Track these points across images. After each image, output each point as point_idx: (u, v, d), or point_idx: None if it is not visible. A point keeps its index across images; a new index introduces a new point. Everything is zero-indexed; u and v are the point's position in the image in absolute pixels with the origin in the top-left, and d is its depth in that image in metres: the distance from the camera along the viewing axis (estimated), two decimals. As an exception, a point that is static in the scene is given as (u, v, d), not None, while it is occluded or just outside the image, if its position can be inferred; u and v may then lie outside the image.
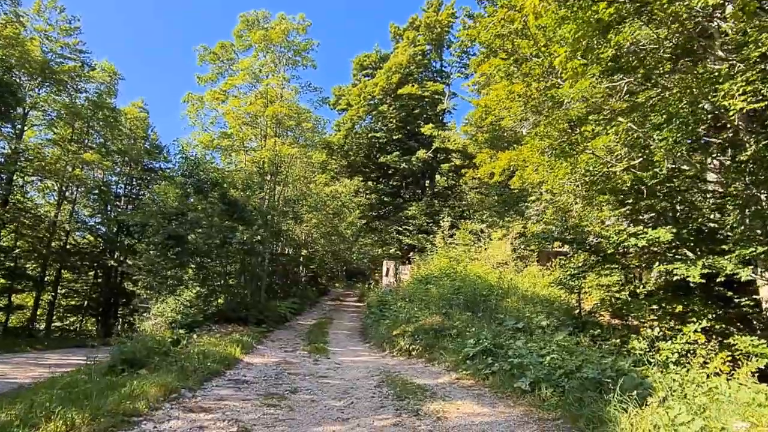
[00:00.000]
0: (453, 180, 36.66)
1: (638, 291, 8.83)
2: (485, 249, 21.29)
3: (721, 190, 8.70)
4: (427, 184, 37.54)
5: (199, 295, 20.07)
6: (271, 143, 21.82)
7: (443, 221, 24.63)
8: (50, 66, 26.97)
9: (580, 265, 11.62)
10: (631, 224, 8.60)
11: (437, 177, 37.44)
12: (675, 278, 10.69)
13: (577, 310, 11.72)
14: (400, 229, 33.11)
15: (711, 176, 8.33)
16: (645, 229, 8.03)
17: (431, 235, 28.58)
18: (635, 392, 5.57)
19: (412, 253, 28.86)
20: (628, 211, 8.81)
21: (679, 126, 7.35)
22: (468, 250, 21.28)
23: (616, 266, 10.90)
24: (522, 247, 17.79)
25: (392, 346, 12.09)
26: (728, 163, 9.22)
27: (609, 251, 9.39)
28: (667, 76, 7.03)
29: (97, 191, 35.53)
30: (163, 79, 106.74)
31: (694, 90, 7.07)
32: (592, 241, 9.24)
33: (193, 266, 18.77)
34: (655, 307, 8.37)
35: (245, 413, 6.22)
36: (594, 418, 5.68)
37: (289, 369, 9.67)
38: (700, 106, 7.25)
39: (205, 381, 7.90)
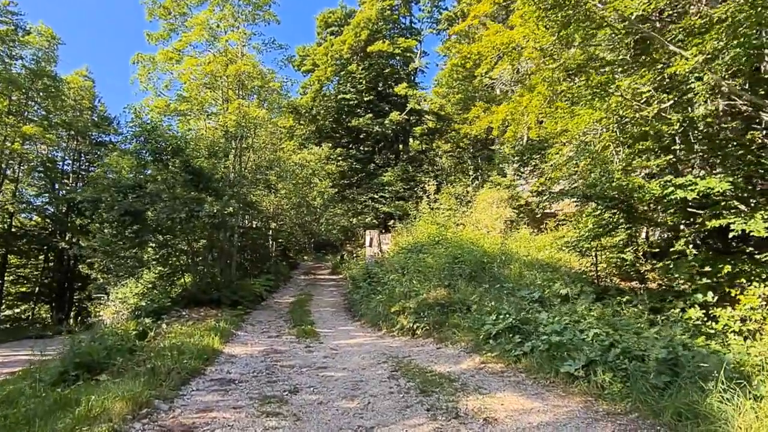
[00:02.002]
0: (427, 144, 35.23)
1: (683, 251, 7.73)
2: (470, 213, 20.16)
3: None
4: (401, 149, 35.90)
5: (161, 275, 18.29)
6: (235, 105, 19.79)
7: (428, 185, 23.28)
8: (-23, 30, 23.84)
9: (590, 226, 10.52)
10: (675, 174, 7.50)
11: (410, 141, 35.86)
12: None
13: (593, 275, 10.69)
14: (375, 197, 31.54)
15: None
16: (694, 179, 6.89)
17: (410, 201, 27.26)
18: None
19: (392, 221, 27.47)
20: (673, 159, 7.69)
21: (738, 54, 6.15)
22: (453, 215, 20.10)
23: (623, 224, 9.89)
24: (538, 207, 16.64)
25: (391, 325, 10.83)
26: None
27: (643, 207, 8.29)
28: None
29: (41, 168, 32.86)
30: (108, 45, 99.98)
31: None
32: (623, 196, 8.09)
33: (153, 245, 16.92)
34: (708, 268, 7.29)
35: (241, 429, 4.83)
36: (687, 412, 4.54)
37: (280, 360, 8.28)
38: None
39: (182, 385, 6.39)
